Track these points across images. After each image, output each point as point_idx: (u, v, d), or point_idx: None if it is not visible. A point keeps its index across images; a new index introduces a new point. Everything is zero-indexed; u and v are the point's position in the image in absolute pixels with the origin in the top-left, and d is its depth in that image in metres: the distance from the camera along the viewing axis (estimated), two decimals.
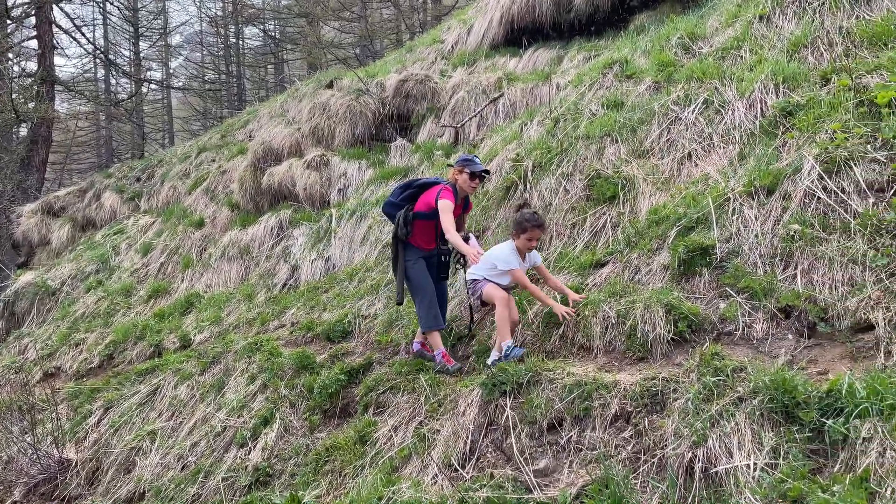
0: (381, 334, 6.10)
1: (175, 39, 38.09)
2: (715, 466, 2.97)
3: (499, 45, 11.78)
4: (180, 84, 34.61)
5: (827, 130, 4.53)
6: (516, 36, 11.69)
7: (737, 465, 2.92)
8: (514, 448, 3.67)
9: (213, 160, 15.63)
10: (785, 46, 6.15)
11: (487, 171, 5.33)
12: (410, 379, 5.00)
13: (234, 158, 13.90)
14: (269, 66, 35.27)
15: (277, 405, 5.72)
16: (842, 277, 3.67)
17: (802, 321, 3.66)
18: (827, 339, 3.54)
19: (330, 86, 11.97)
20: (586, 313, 4.46)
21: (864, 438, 2.71)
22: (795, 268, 3.89)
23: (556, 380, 3.86)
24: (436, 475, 3.82)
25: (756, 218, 4.35)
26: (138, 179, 17.71)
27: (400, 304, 5.45)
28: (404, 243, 5.28)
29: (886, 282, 3.50)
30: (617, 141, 6.41)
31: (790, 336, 3.66)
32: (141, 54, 32.39)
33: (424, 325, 5.20)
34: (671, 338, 3.97)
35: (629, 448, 3.37)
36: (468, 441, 3.93)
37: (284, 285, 8.92)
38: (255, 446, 5.46)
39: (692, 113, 5.95)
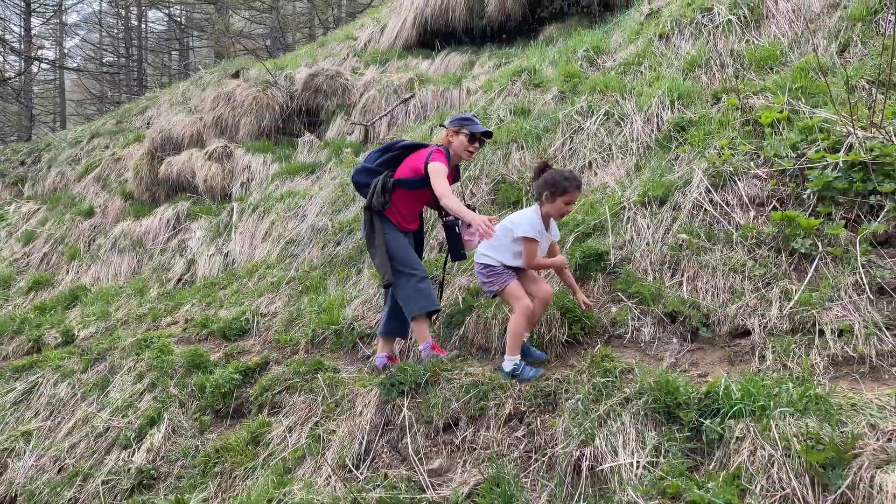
0: (281, 333, 5.94)
1: (71, 18, 35.90)
2: (601, 464, 3.06)
3: (412, 45, 11.79)
4: (75, 65, 32.65)
5: (715, 146, 4.79)
6: (429, 38, 11.74)
7: (621, 464, 3.02)
8: (410, 448, 3.66)
9: (107, 146, 14.82)
10: (681, 65, 6.47)
11: (489, 134, 4.49)
12: (308, 378, 4.90)
13: (131, 146, 13.22)
14: (173, 53, 33.84)
15: (166, 405, 5.46)
16: (723, 285, 3.88)
17: (686, 326, 3.84)
18: (708, 343, 3.74)
19: (236, 76, 11.60)
20: (487, 315, 4.51)
21: (737, 438, 2.87)
22: (682, 275, 4.08)
23: (454, 380, 3.88)
24: (329, 476, 3.75)
25: (648, 227, 4.54)
26: (23, 163, 16.55)
27: (389, 285, 4.32)
28: (379, 216, 4.36)
29: (763, 290, 3.73)
30: (523, 147, 6.54)
31: (675, 340, 3.83)
32: (32, 31, 30.27)
33: (415, 306, 4.20)
34: (566, 340, 4.08)
35: (521, 447, 3.43)
36: (364, 441, 3.88)
37: (179, 280, 8.56)
38: (139, 448, 5.20)
39: (594, 124, 6.15)
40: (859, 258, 3.59)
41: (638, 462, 3.01)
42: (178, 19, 32.04)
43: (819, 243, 3.81)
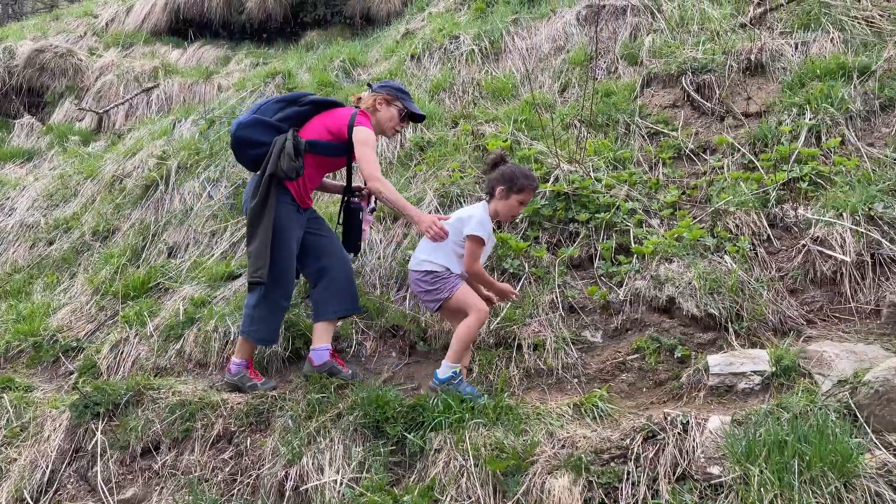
0: None
1: None
2: (305, 484, 3.01)
3: (161, 32, 10.93)
4: None
5: (448, 168, 5.03)
6: (182, 27, 10.99)
7: (325, 482, 3.00)
8: (100, 477, 3.30)
9: None
10: (429, 87, 6.73)
11: (422, 119, 4.00)
12: None
13: None
14: None
15: None
16: None
17: (406, 340, 3.97)
18: (423, 356, 3.88)
19: None
20: (207, 328, 4.25)
21: (435, 450, 2.99)
22: (407, 290, 4.20)
23: (161, 399, 3.59)
24: None
25: (381, 241, 4.61)
26: None
27: (259, 283, 3.43)
28: (278, 187, 3.45)
29: None
30: None
31: (394, 354, 3.93)
32: None
33: (255, 334, 3.54)
34: (288, 355, 3.98)
35: (227, 470, 3.26)
36: (48, 471, 3.43)
37: None
38: None
39: None
40: (556, 279, 3.98)
41: (343, 479, 3.01)
42: None
43: (526, 264, 4.15)
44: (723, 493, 2.43)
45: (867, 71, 4.65)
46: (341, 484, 2.97)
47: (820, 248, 3.63)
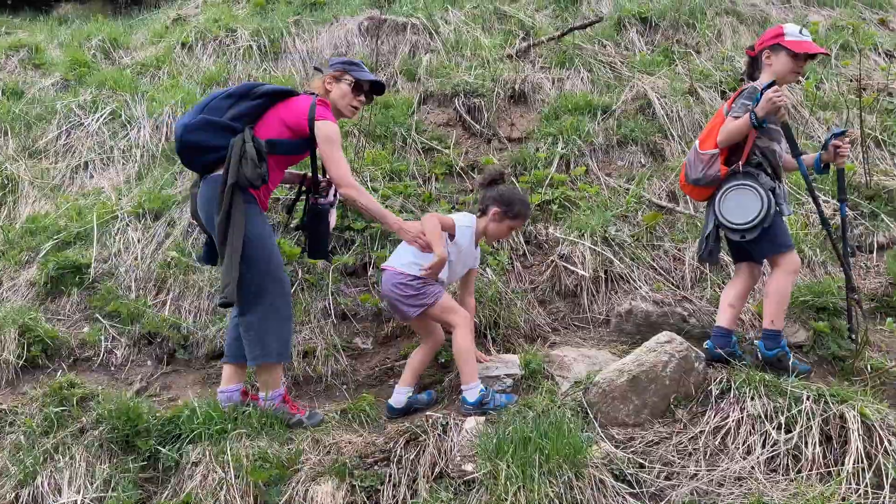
0: None
1: None
2: None
3: None
4: None
5: None
6: None
7: (64, 503, 2.70)
8: None
9: None
10: (200, 78, 6.39)
11: (381, 87, 3.40)
12: None
13: None
14: None
15: None
16: (208, 306, 3.87)
17: (164, 347, 3.73)
18: (184, 365, 3.68)
19: None
20: None
21: (193, 463, 2.84)
22: (167, 294, 3.96)
23: None
24: None
25: (139, 241, 4.28)
26: None
27: (231, 304, 2.96)
28: (243, 194, 2.96)
29: None
30: (7, 134, 5.61)
31: (150, 362, 3.68)
32: None
33: (272, 353, 3.05)
34: (22, 364, 3.52)
35: None
36: None
37: None
38: None
39: (97, 121, 5.61)
40: (330, 286, 3.99)
41: (84, 499, 2.73)
42: None
43: (300, 270, 4.10)
44: (475, 488, 2.61)
45: (609, 110, 5.32)
46: None
47: (565, 264, 4.07)
